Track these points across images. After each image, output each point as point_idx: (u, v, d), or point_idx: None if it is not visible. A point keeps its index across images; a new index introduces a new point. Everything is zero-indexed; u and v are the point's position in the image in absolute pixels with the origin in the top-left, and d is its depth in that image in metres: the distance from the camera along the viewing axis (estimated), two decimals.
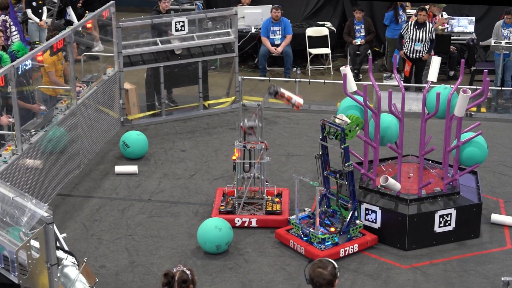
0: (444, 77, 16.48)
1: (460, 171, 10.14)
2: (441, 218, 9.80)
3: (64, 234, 7.80)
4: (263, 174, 10.46)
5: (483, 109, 14.68)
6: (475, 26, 17.33)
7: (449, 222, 9.85)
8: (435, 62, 10.06)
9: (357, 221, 9.77)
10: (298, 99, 10.23)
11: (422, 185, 9.88)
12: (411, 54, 15.39)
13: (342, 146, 9.42)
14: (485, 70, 10.10)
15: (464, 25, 17.30)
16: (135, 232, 10.21)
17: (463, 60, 10.47)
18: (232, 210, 10.45)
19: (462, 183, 10.25)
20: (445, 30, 16.60)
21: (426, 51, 15.35)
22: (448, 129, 9.91)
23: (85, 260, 7.26)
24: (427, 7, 15.86)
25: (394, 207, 9.80)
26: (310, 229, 9.71)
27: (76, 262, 7.24)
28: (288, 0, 18.49)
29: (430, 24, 15.45)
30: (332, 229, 9.73)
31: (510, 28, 15.34)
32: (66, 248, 7.54)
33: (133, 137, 12.36)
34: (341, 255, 9.50)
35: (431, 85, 10.05)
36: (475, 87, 13.51)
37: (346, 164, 9.47)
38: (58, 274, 6.95)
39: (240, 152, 10.40)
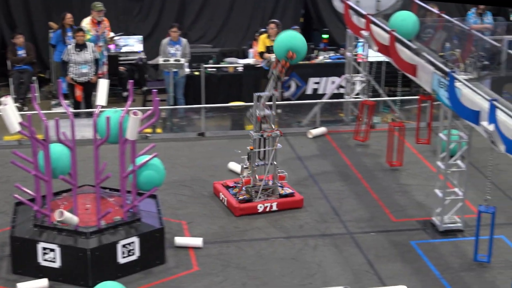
0: (118, 99, 16.15)
1: (139, 197, 9.87)
2: (124, 248, 9.46)
3: None
4: (275, 160, 11.22)
5: (159, 130, 14.62)
6: (143, 45, 17.27)
7: (132, 251, 9.54)
8: (102, 85, 9.74)
9: None
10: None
11: (100, 215, 9.49)
12: (78, 78, 14.78)
13: None
14: (153, 90, 9.90)
15: (131, 44, 17.19)
16: None
17: (131, 80, 10.29)
18: (250, 199, 11.17)
19: (142, 209, 10.00)
20: (115, 39, 16.30)
21: (93, 73, 14.88)
22: (123, 154, 9.59)
23: None
24: (85, 22, 15.47)
25: (74, 243, 9.31)
26: None
27: None
28: None
29: (91, 44, 15.09)
30: None
31: (176, 45, 15.40)
32: None
33: None
34: None
35: (101, 109, 9.66)
36: (148, 107, 13.31)
37: None
38: None
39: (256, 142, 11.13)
